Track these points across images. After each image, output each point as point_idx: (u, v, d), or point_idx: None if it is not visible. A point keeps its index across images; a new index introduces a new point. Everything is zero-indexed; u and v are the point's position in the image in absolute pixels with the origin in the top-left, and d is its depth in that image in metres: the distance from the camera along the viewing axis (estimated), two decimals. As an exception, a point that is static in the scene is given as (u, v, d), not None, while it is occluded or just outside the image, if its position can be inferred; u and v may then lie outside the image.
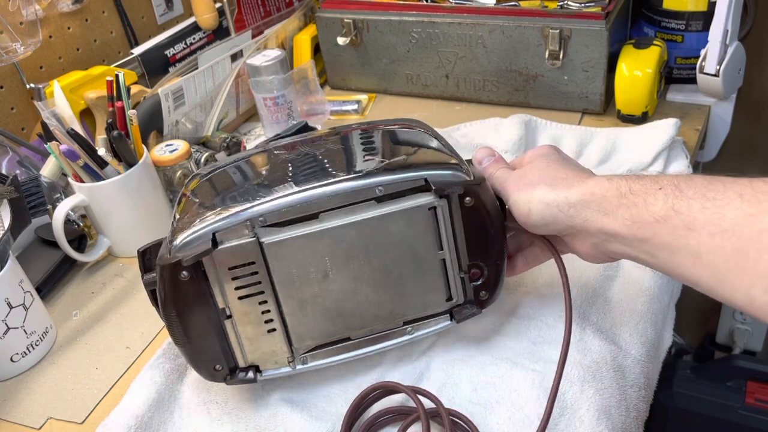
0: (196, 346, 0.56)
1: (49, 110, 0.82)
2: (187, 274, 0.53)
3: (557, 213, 0.52)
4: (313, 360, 0.60)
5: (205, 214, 0.54)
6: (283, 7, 1.21)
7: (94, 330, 0.73)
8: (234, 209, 0.53)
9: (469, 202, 0.56)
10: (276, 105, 0.96)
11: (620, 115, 0.94)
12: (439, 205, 0.55)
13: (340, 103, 1.08)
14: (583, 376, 0.57)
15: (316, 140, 0.62)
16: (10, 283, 0.66)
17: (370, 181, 0.54)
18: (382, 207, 0.54)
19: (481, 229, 0.57)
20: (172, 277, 0.53)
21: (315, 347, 0.59)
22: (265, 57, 0.95)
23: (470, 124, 0.96)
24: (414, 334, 0.61)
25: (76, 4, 0.97)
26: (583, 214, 0.51)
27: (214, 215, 0.53)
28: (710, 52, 0.87)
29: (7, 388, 0.68)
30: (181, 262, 0.52)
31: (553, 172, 0.55)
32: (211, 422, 0.60)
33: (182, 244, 0.53)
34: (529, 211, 0.54)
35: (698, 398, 1.19)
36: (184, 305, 0.54)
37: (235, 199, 0.54)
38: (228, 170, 0.61)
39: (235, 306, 0.55)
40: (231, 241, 0.53)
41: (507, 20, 0.95)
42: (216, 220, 0.53)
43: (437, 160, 0.58)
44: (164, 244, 0.57)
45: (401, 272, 0.57)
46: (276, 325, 0.57)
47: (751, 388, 1.18)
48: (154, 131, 0.91)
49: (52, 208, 0.81)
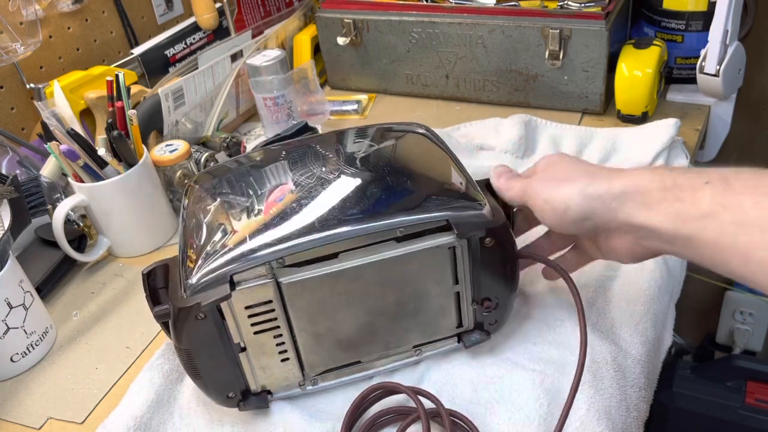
0: (210, 378, 0.56)
1: (49, 110, 0.82)
2: (203, 315, 0.52)
3: (599, 206, 0.50)
4: (322, 381, 0.60)
5: (222, 247, 0.53)
6: (283, 7, 1.21)
7: (94, 330, 0.73)
8: (252, 245, 0.52)
9: (489, 243, 0.55)
10: (276, 105, 0.96)
11: (620, 115, 0.94)
12: (459, 245, 0.55)
13: (340, 103, 1.08)
14: (583, 376, 0.57)
15: (327, 159, 0.61)
16: (10, 283, 0.66)
17: (391, 221, 0.53)
18: (403, 247, 0.54)
19: (499, 265, 0.57)
20: (189, 319, 0.52)
21: (325, 370, 0.60)
22: (265, 57, 0.95)
23: (470, 124, 0.96)
24: (422, 356, 0.62)
25: (76, 4, 0.97)
26: (626, 207, 0.48)
27: (232, 251, 0.52)
28: (710, 52, 0.87)
29: (7, 388, 0.68)
30: (199, 305, 0.51)
31: (585, 166, 0.53)
32: (211, 423, 0.60)
33: (200, 285, 0.52)
34: (567, 207, 0.51)
35: (698, 398, 1.19)
36: (200, 343, 0.54)
37: (254, 233, 0.53)
38: (237, 183, 0.60)
39: (250, 340, 0.55)
40: (249, 282, 0.53)
41: (507, 20, 0.95)
42: (234, 257, 0.52)
43: (457, 196, 0.57)
44: (177, 275, 0.56)
45: (416, 305, 0.58)
46: (290, 354, 0.57)
47: (751, 388, 1.17)
48: (154, 131, 0.91)
49: (52, 208, 0.81)
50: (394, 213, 0.54)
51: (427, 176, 0.60)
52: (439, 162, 0.61)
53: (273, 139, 0.74)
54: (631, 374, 0.60)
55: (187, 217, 0.59)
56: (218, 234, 0.55)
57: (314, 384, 0.60)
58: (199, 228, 0.56)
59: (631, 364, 0.60)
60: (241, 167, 0.63)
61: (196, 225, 0.57)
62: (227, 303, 0.53)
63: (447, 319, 0.60)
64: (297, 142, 0.67)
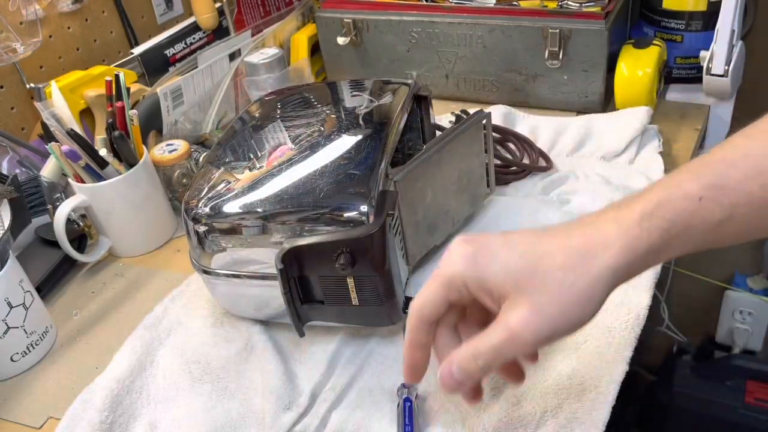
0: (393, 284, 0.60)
1: (48, 110, 0.82)
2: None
3: (617, 284, 0.42)
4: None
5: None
6: (282, 6, 1.21)
7: (94, 330, 0.73)
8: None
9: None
10: (276, 105, 0.96)
11: (620, 115, 0.94)
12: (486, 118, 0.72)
13: (340, 103, 1.08)
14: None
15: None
16: (10, 283, 0.66)
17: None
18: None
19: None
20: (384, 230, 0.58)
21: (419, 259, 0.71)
22: (263, 55, 0.95)
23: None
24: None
25: (76, 4, 0.97)
26: (642, 266, 0.42)
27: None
28: (718, 52, 0.87)
29: (7, 387, 0.68)
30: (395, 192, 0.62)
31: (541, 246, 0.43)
32: (192, 381, 0.63)
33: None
34: (590, 311, 0.41)
35: (698, 398, 1.19)
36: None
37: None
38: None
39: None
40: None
41: (507, 20, 0.95)
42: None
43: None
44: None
45: (468, 178, 0.73)
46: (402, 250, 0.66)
47: (751, 387, 1.18)
48: (153, 131, 0.91)
49: (52, 208, 0.81)
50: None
51: None
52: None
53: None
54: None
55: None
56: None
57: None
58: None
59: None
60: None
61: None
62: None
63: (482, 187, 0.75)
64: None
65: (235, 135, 0.71)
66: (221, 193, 0.62)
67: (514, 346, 0.42)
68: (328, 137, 0.66)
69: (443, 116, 0.96)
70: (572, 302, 0.41)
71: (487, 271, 0.42)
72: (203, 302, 0.72)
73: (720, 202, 0.40)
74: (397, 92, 0.73)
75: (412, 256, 0.68)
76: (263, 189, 0.61)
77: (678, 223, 0.40)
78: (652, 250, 0.41)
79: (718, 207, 0.40)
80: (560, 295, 0.41)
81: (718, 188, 0.41)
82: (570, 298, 0.41)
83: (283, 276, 0.58)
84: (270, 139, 0.68)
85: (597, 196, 0.78)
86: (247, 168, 0.64)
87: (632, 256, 0.41)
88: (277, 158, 0.64)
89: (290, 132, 0.68)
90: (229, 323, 0.69)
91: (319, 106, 0.73)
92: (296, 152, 0.65)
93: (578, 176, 0.83)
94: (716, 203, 0.40)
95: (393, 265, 0.59)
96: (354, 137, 0.65)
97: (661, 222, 0.40)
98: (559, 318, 0.41)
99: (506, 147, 0.90)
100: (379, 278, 0.58)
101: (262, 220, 0.60)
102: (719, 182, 0.41)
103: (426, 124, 0.78)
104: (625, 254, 0.40)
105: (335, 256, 0.57)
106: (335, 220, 0.58)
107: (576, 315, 0.41)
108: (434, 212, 0.70)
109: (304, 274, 0.59)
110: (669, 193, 0.41)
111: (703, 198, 0.40)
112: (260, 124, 0.72)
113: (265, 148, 0.67)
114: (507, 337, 0.41)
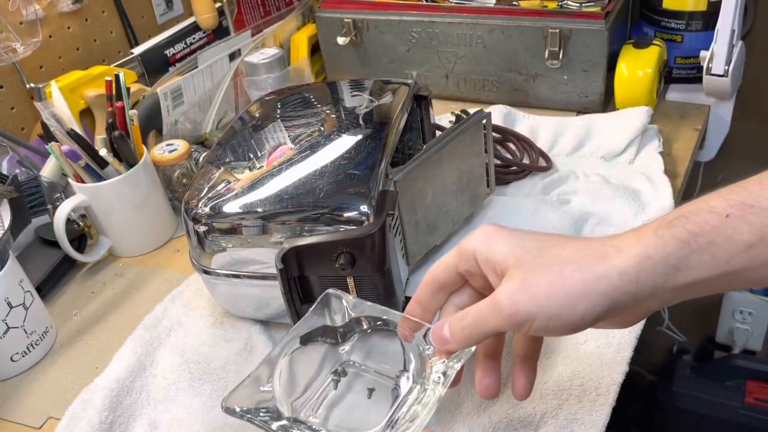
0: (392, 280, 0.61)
1: (48, 110, 0.82)
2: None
3: (625, 300, 0.40)
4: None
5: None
6: (282, 6, 1.21)
7: (94, 330, 0.73)
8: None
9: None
10: (276, 105, 0.96)
11: (620, 115, 0.94)
12: (486, 117, 0.72)
13: (340, 103, 1.08)
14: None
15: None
16: (10, 283, 0.66)
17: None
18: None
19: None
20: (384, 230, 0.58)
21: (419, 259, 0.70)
22: (263, 55, 0.95)
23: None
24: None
25: (76, 4, 0.97)
26: (657, 280, 0.39)
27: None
28: (718, 52, 0.87)
29: (7, 387, 0.68)
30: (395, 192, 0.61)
31: (559, 251, 0.42)
32: (192, 381, 0.63)
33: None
34: (583, 320, 0.40)
35: (698, 398, 1.19)
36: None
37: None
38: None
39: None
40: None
41: (507, 20, 0.95)
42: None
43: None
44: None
45: (468, 178, 0.73)
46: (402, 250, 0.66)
47: (751, 387, 1.18)
48: (153, 131, 0.91)
49: (52, 208, 0.81)
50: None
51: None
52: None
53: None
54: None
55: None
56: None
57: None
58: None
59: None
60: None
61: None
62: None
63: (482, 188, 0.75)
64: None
65: (235, 135, 0.71)
66: (221, 193, 0.62)
67: (493, 316, 0.42)
68: (328, 137, 0.66)
69: (443, 116, 0.96)
70: (564, 292, 0.40)
71: (494, 246, 0.44)
72: (203, 302, 0.72)
73: (749, 221, 0.38)
74: (397, 92, 0.72)
75: (412, 256, 0.68)
76: (263, 189, 0.61)
77: (699, 237, 0.39)
78: (668, 262, 0.39)
79: (746, 226, 0.38)
80: (554, 280, 0.40)
81: (747, 207, 0.38)
82: (563, 287, 0.40)
83: (283, 276, 0.58)
84: (270, 139, 0.68)
85: (597, 196, 0.78)
86: (247, 168, 0.65)
87: (644, 262, 0.39)
88: (277, 158, 0.64)
89: (290, 132, 0.68)
90: (229, 323, 0.69)
91: (319, 106, 0.73)
92: (296, 152, 0.65)
93: (578, 176, 0.83)
94: (744, 221, 0.38)
95: (393, 265, 0.59)
96: (354, 137, 0.65)
97: (681, 232, 0.39)
98: (544, 302, 0.40)
99: (506, 147, 0.90)
100: (379, 278, 0.58)
101: (262, 220, 0.60)
102: (750, 201, 0.38)
103: (426, 124, 0.78)
104: (637, 259, 0.39)
105: (335, 256, 0.57)
106: (335, 220, 0.58)
107: (564, 306, 0.40)
108: (434, 212, 0.70)
109: (304, 274, 0.59)
110: (694, 208, 0.40)
111: (730, 215, 0.38)
112: (260, 124, 0.72)
113: (265, 148, 0.67)
114: (490, 305, 0.42)
